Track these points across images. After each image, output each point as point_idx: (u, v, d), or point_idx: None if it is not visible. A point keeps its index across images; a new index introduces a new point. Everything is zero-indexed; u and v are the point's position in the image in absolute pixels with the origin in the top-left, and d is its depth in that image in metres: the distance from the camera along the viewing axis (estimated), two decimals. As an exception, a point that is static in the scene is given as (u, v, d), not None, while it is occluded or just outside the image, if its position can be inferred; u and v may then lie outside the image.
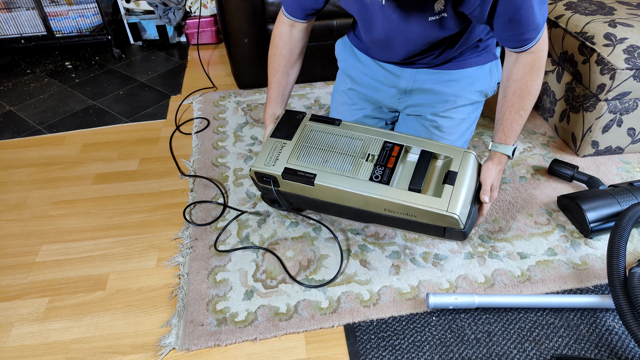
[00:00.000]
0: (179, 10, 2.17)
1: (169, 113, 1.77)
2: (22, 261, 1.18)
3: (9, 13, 2.03)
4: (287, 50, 1.17)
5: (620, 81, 1.27)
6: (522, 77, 0.97)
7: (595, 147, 1.44)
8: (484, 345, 0.96)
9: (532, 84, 0.97)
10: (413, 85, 1.20)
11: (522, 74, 0.97)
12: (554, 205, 1.30)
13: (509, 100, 0.99)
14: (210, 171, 1.45)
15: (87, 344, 0.99)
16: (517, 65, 0.97)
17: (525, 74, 0.97)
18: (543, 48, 0.95)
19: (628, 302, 0.91)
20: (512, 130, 1.00)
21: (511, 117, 1.00)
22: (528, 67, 0.96)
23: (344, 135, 1.09)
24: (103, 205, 1.34)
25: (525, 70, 0.96)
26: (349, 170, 1.02)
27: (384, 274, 1.11)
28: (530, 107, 0.99)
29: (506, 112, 1.00)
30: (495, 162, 1.03)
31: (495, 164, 1.03)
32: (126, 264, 1.16)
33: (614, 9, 1.45)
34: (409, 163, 1.06)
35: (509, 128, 1.00)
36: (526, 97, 0.98)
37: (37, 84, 2.00)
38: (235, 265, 1.14)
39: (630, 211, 1.02)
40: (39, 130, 1.69)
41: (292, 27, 1.16)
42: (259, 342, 0.98)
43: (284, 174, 1.04)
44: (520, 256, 1.15)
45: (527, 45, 0.94)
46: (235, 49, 1.76)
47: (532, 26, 0.90)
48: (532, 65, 0.96)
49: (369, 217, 1.10)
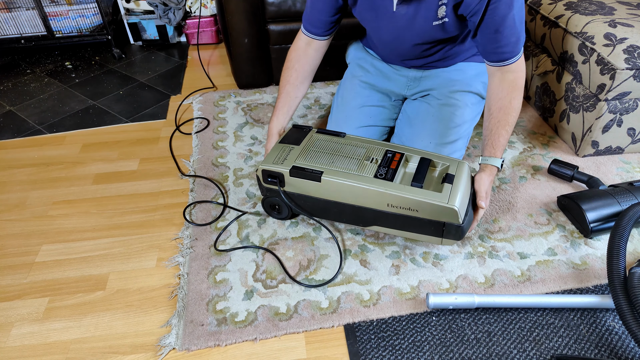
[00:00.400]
0: (179, 10, 2.17)
1: (169, 113, 1.77)
2: (22, 261, 1.18)
3: (9, 13, 2.04)
4: (300, 65, 1.27)
5: (620, 81, 1.27)
6: (506, 94, 1.09)
7: (595, 147, 1.44)
8: (484, 345, 0.96)
9: (515, 101, 1.09)
10: (423, 74, 1.33)
11: (506, 92, 1.09)
12: (554, 205, 1.30)
13: (494, 117, 1.10)
14: (210, 171, 1.45)
15: (87, 344, 0.99)
16: (503, 84, 1.10)
17: (509, 92, 1.09)
18: (522, 68, 1.10)
19: (628, 302, 0.91)
20: (500, 144, 1.10)
21: (498, 132, 1.10)
22: (511, 86, 1.09)
23: (349, 144, 1.18)
24: (103, 205, 1.34)
25: (509, 88, 1.09)
26: (355, 169, 1.09)
27: (384, 274, 1.11)
28: (513, 122, 1.10)
29: (493, 128, 1.10)
30: (487, 173, 1.10)
31: (487, 174, 1.10)
32: (126, 264, 1.16)
33: (614, 9, 1.45)
34: (410, 167, 1.14)
35: (496, 142, 1.10)
36: (510, 114, 1.09)
37: (37, 84, 2.00)
38: (235, 265, 1.14)
39: (630, 211, 1.02)
40: (39, 130, 1.69)
41: (308, 45, 1.27)
42: (259, 342, 0.98)
43: (291, 170, 1.10)
44: (520, 256, 1.15)
45: (507, 61, 1.08)
46: (235, 49, 1.76)
47: (513, 38, 1.04)
48: (514, 84, 1.09)
49: (370, 217, 1.11)
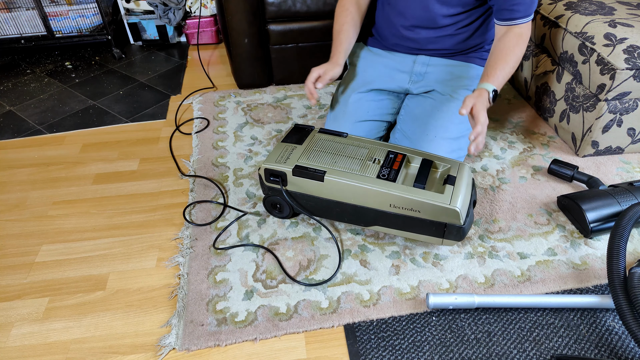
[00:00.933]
0: (179, 10, 2.17)
1: (169, 113, 1.77)
2: (22, 261, 1.18)
3: (9, 13, 2.04)
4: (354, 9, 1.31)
5: (620, 81, 1.27)
6: (510, 41, 1.15)
7: (595, 147, 1.44)
8: (484, 345, 0.96)
9: (518, 48, 1.15)
10: (427, 69, 1.34)
11: (510, 40, 1.15)
12: (554, 205, 1.30)
13: (495, 55, 1.15)
14: (210, 171, 1.45)
15: (87, 344, 0.99)
16: (509, 35, 1.15)
17: (514, 41, 1.15)
18: (529, 32, 1.16)
19: (628, 302, 0.91)
20: (496, 75, 1.13)
21: (496, 66, 1.14)
22: (517, 36, 1.15)
23: (351, 144, 1.18)
24: (103, 205, 1.34)
25: (515, 39, 1.15)
26: (357, 169, 1.10)
27: (384, 274, 1.11)
28: (512, 65, 1.14)
29: (492, 63, 1.15)
30: (476, 93, 1.10)
31: (475, 94, 1.10)
32: (126, 264, 1.16)
33: (614, 9, 1.45)
34: (412, 168, 1.14)
35: (492, 72, 1.13)
36: (510, 55, 1.14)
37: (37, 84, 2.00)
38: (235, 265, 1.14)
39: (630, 211, 1.02)
40: (39, 130, 1.69)
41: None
42: (259, 342, 0.98)
43: (294, 170, 1.10)
44: (520, 256, 1.15)
45: (518, 20, 1.13)
46: (235, 49, 1.76)
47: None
48: (520, 36, 1.15)
49: (372, 217, 1.11)
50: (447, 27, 1.26)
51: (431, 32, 1.28)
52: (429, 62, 1.34)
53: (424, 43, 1.31)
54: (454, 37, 1.28)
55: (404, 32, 1.30)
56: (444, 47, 1.31)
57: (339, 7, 1.33)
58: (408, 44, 1.33)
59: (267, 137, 1.60)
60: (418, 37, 1.30)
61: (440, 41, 1.30)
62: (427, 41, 1.30)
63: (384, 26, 1.36)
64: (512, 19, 1.14)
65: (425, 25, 1.27)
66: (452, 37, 1.28)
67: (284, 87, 1.90)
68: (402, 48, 1.35)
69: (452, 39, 1.29)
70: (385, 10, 1.32)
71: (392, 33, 1.34)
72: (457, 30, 1.26)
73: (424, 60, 1.34)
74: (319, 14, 1.72)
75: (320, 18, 1.73)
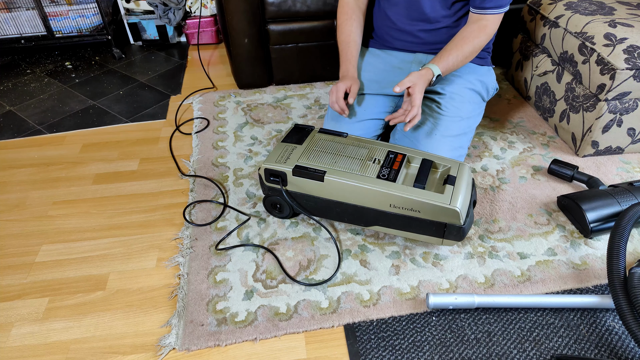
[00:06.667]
0: (179, 10, 2.17)
1: (169, 113, 1.77)
2: (22, 261, 1.18)
3: (9, 13, 2.04)
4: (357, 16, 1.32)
5: (620, 81, 1.27)
6: (471, 32, 1.20)
7: (595, 147, 1.44)
8: (484, 345, 0.96)
9: (477, 40, 1.19)
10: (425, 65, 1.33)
11: (473, 31, 1.19)
12: (554, 205, 1.30)
13: (455, 40, 1.20)
14: (210, 171, 1.45)
15: (87, 344, 0.99)
16: (473, 26, 1.20)
17: (477, 32, 1.19)
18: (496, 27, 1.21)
19: (628, 302, 0.91)
20: (446, 59, 1.18)
21: (449, 52, 1.18)
22: (480, 29, 1.19)
23: (351, 144, 1.18)
24: (103, 205, 1.34)
25: (478, 30, 1.19)
26: (358, 170, 1.10)
27: (384, 274, 1.11)
28: (465, 54, 1.19)
29: (447, 48, 1.19)
30: (421, 72, 1.15)
31: (420, 74, 1.14)
32: (126, 264, 1.16)
33: (614, 9, 1.45)
34: (412, 168, 1.14)
35: (444, 57, 1.18)
36: (468, 44, 1.19)
37: (37, 84, 2.00)
38: (235, 266, 1.14)
39: (630, 211, 1.02)
40: (39, 130, 1.69)
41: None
42: (259, 342, 0.98)
43: (294, 170, 1.10)
44: (520, 256, 1.15)
45: (488, 10, 1.17)
46: (235, 49, 1.76)
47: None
48: (484, 28, 1.19)
49: (372, 217, 1.12)
50: (443, 19, 1.26)
51: (427, 24, 1.28)
52: (427, 60, 1.33)
53: (421, 37, 1.31)
54: (451, 29, 1.28)
55: (400, 25, 1.31)
56: (441, 40, 1.30)
57: (342, 14, 1.32)
58: (405, 38, 1.33)
59: (267, 137, 1.60)
60: (414, 30, 1.30)
61: (436, 34, 1.29)
62: (424, 34, 1.30)
63: (381, 23, 1.36)
64: (483, 8, 1.17)
65: (421, 18, 1.27)
66: (448, 29, 1.28)
67: (284, 87, 1.90)
68: (399, 44, 1.36)
69: (449, 32, 1.28)
70: (382, 6, 1.33)
71: (389, 28, 1.34)
72: (454, 23, 1.27)
73: (422, 59, 1.34)
74: (319, 14, 1.72)
75: (321, 18, 1.73)
